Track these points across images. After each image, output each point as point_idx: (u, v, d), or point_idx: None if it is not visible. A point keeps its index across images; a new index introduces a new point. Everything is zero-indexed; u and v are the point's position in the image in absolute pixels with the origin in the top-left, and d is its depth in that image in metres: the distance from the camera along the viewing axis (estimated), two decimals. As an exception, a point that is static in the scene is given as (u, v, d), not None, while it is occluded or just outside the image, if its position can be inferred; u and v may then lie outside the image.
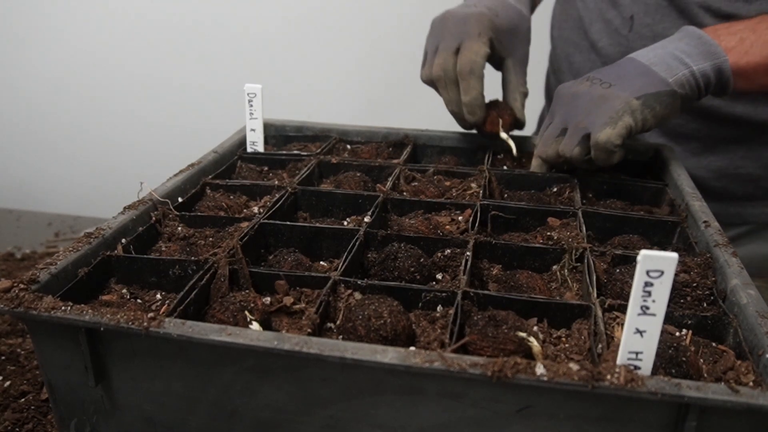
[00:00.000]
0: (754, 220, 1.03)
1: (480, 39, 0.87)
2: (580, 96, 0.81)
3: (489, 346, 0.52)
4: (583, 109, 0.79)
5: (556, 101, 0.85)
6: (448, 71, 0.88)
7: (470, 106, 0.87)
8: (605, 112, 0.77)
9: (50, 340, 0.55)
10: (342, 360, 0.47)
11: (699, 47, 0.80)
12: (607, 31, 1.03)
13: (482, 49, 0.87)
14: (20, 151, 2.25)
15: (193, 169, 0.84)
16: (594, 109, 0.78)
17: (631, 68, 0.80)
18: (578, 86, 0.82)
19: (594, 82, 0.81)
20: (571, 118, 0.81)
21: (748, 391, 0.44)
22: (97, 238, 0.65)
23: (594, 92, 0.79)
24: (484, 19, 0.89)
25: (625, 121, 0.76)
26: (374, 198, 0.77)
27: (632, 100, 0.77)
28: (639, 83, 0.78)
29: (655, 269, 0.44)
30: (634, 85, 0.78)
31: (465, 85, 0.87)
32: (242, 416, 0.53)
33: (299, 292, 0.63)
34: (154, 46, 2.02)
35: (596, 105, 0.78)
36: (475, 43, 0.87)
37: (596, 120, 0.77)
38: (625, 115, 0.76)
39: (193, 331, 0.50)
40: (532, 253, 0.69)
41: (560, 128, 0.82)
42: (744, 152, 0.99)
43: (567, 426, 0.48)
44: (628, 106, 0.76)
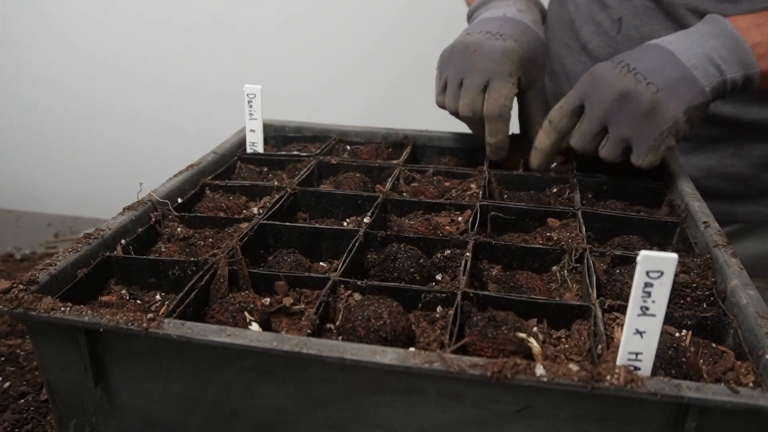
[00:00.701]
0: (745, 219, 1.03)
1: (510, 80, 0.84)
2: (627, 99, 0.76)
3: (489, 346, 0.52)
4: (629, 117, 0.76)
5: (593, 90, 0.79)
6: (476, 112, 0.85)
7: (496, 147, 0.86)
8: (653, 129, 0.75)
9: (49, 340, 0.55)
10: (341, 361, 0.47)
11: (735, 53, 0.77)
12: (597, 33, 1.03)
13: (512, 92, 0.84)
14: (20, 151, 2.25)
15: (193, 169, 0.84)
16: (642, 122, 0.75)
17: (673, 67, 0.76)
18: (622, 79, 0.76)
19: (639, 78, 0.76)
20: (616, 123, 0.77)
21: (748, 392, 0.44)
22: (97, 238, 0.65)
23: (643, 100, 0.75)
24: (514, 55, 0.84)
25: (667, 144, 0.76)
26: (374, 199, 0.77)
27: (680, 116, 0.75)
28: (685, 93, 0.75)
29: (655, 270, 0.44)
30: (680, 94, 0.75)
31: (491, 127, 0.85)
32: (242, 417, 0.53)
33: (299, 292, 0.63)
34: (153, 46, 2.02)
35: (645, 118, 0.75)
36: (505, 85, 0.84)
37: (642, 137, 0.76)
38: (669, 136, 0.75)
39: (193, 331, 0.50)
40: (532, 254, 0.69)
41: (600, 126, 0.78)
42: (732, 151, 0.99)
43: (566, 426, 0.48)
44: (675, 125, 0.75)
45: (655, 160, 0.77)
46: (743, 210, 1.02)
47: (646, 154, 0.76)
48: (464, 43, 0.87)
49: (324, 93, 1.91)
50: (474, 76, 0.84)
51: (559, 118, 0.82)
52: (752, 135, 0.97)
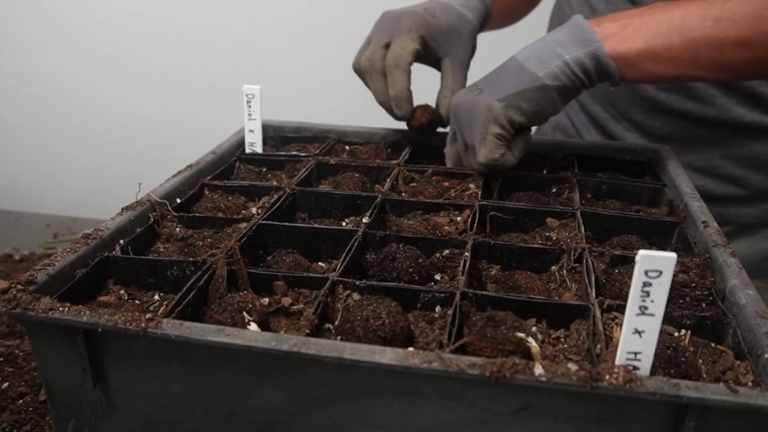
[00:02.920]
0: (736, 220, 1.03)
1: (409, 35, 0.88)
2: (458, 109, 0.82)
3: (487, 346, 0.52)
4: (463, 124, 0.82)
5: (452, 113, 0.85)
6: (375, 63, 0.89)
7: (397, 99, 0.89)
8: (475, 126, 0.79)
9: (48, 341, 0.55)
10: (340, 360, 0.47)
11: (575, 36, 0.78)
12: None
13: (410, 45, 0.88)
14: (19, 152, 2.25)
15: (192, 170, 0.84)
16: (468, 122, 0.80)
17: (507, 68, 0.80)
18: (462, 96, 0.82)
19: (471, 89, 0.82)
20: (462, 134, 0.83)
21: (747, 391, 0.44)
22: (95, 239, 0.65)
23: (466, 103, 0.80)
24: (417, 17, 0.90)
25: (492, 132, 0.78)
26: (373, 199, 0.77)
27: (493, 104, 0.77)
28: (507, 83, 0.78)
29: (654, 269, 0.44)
30: (501, 86, 0.78)
31: (391, 79, 0.88)
32: (240, 417, 0.53)
33: (297, 292, 0.63)
34: (152, 46, 2.02)
35: (468, 117, 0.80)
36: (404, 39, 0.88)
37: (473, 137, 0.80)
38: (490, 125, 0.78)
39: (191, 331, 0.50)
40: (531, 254, 0.69)
41: (464, 143, 0.84)
42: (722, 152, 0.99)
43: (566, 426, 0.48)
44: (491, 114, 0.77)
45: (488, 153, 0.79)
46: (735, 212, 1.02)
47: (479, 149, 0.79)
48: (381, 16, 0.94)
49: (323, 93, 1.91)
50: (379, 34, 0.91)
51: (446, 147, 0.90)
52: (741, 136, 0.98)
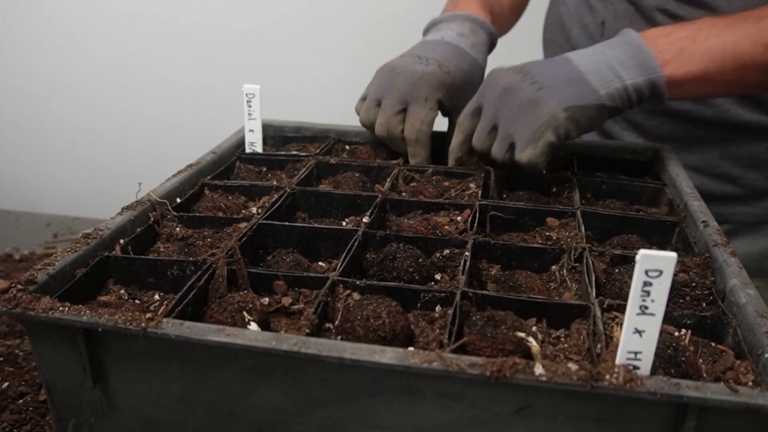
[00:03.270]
0: (734, 219, 1.03)
1: (427, 105, 0.87)
2: (511, 93, 0.78)
3: (488, 346, 0.51)
4: (511, 111, 0.78)
5: (488, 86, 0.82)
6: (393, 131, 0.89)
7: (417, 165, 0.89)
8: (531, 123, 0.76)
9: (48, 341, 0.55)
10: (340, 360, 0.47)
11: (636, 59, 0.78)
12: (584, 35, 1.04)
13: (428, 116, 0.88)
14: (19, 152, 2.25)
15: (192, 169, 0.84)
16: (521, 115, 0.77)
17: (566, 71, 0.78)
18: (511, 78, 0.79)
19: (526, 78, 0.78)
20: (501, 119, 0.79)
21: (748, 391, 0.44)
22: (95, 238, 0.65)
23: (524, 94, 0.77)
24: (434, 80, 0.88)
25: (546, 139, 0.76)
26: (373, 198, 0.77)
27: (559, 113, 0.75)
28: (570, 92, 0.76)
29: (654, 269, 0.44)
30: (565, 93, 0.76)
31: (411, 150, 0.89)
32: (240, 417, 0.53)
33: (298, 292, 0.63)
34: (152, 46, 2.02)
35: (524, 111, 0.77)
36: (422, 110, 0.87)
37: (522, 131, 0.77)
38: (547, 131, 0.75)
39: (191, 331, 0.50)
40: (531, 253, 0.69)
41: (491, 124, 0.81)
42: (720, 152, 0.99)
43: (566, 426, 0.48)
44: (553, 120, 0.75)
45: (534, 155, 0.76)
46: (732, 211, 1.03)
47: (525, 148, 0.76)
48: (391, 65, 0.91)
49: (323, 93, 1.91)
50: (392, 97, 0.89)
51: (462, 119, 0.85)
52: (739, 136, 0.98)
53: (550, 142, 0.76)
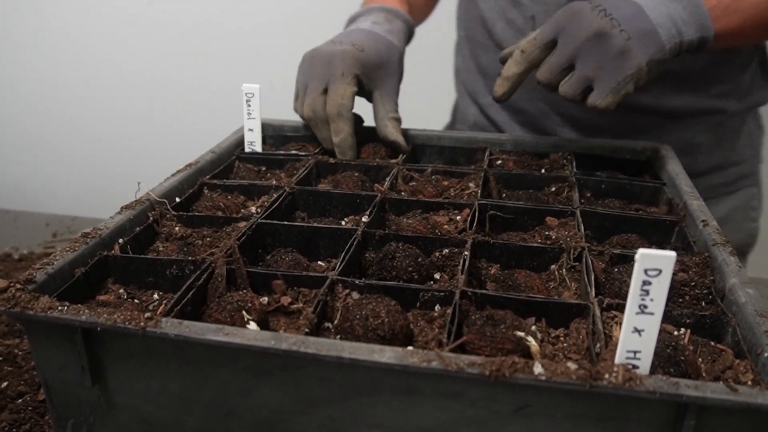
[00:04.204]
0: None
1: (344, 80, 0.89)
2: (601, 40, 0.77)
3: (487, 345, 0.51)
4: (599, 57, 0.77)
5: (569, 26, 0.79)
6: (318, 112, 0.90)
7: (341, 147, 0.90)
8: (617, 73, 0.77)
9: (47, 340, 0.55)
10: (339, 360, 0.47)
11: (694, 15, 0.80)
12: (511, 30, 1.04)
13: (348, 90, 0.89)
14: (18, 151, 2.25)
15: (191, 169, 0.84)
16: (610, 63, 0.77)
17: (642, 20, 0.78)
18: (600, 21, 0.78)
19: (614, 23, 0.77)
20: (584, 61, 0.78)
21: (747, 390, 0.44)
22: (94, 238, 0.65)
23: (615, 43, 0.77)
24: (348, 57, 0.90)
25: (627, 89, 0.78)
26: (372, 198, 0.77)
27: (643, 65, 0.77)
28: (651, 45, 0.77)
29: (654, 268, 0.44)
30: (648, 46, 0.77)
31: (334, 127, 0.89)
32: (239, 416, 0.53)
33: (297, 291, 0.63)
34: (151, 46, 2.02)
35: (614, 60, 0.77)
36: (341, 85, 0.88)
37: (606, 79, 0.77)
38: (630, 83, 0.77)
39: (190, 331, 0.49)
40: (530, 253, 0.69)
41: (569, 62, 0.79)
42: (654, 140, 1.00)
43: (565, 425, 0.48)
44: (639, 73, 0.77)
45: (613, 103, 0.78)
46: None
47: (606, 95, 0.77)
48: (309, 54, 0.94)
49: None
50: (313, 81, 0.91)
51: (531, 49, 0.82)
52: (671, 122, 1.01)
53: (629, 92, 0.78)
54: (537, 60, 0.82)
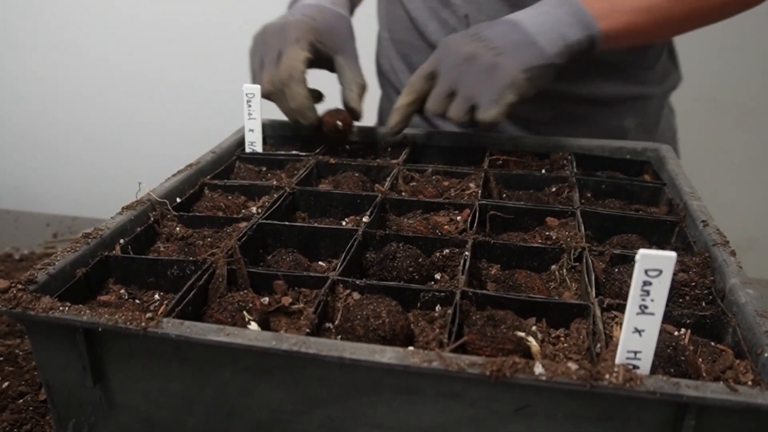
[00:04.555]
0: None
1: (298, 44, 0.89)
2: (471, 59, 0.82)
3: (487, 345, 0.52)
4: (473, 76, 0.82)
5: (445, 55, 0.85)
6: (276, 85, 0.89)
7: (299, 111, 0.89)
8: (494, 86, 0.81)
9: (48, 340, 0.55)
10: (340, 360, 0.47)
11: (575, 16, 0.83)
12: (444, 30, 1.04)
13: (301, 54, 0.88)
14: (18, 151, 2.25)
15: (191, 169, 0.84)
16: (484, 79, 0.81)
17: (518, 35, 0.83)
18: (468, 45, 0.83)
19: (486, 43, 0.82)
20: (461, 84, 0.83)
21: (747, 390, 0.44)
22: (95, 238, 0.65)
23: (485, 59, 0.81)
24: (300, 25, 0.90)
25: (508, 99, 0.81)
26: (372, 198, 0.77)
27: (519, 75, 0.81)
28: (526, 55, 0.81)
29: (654, 268, 0.44)
30: (522, 56, 0.81)
31: (289, 92, 0.88)
32: (240, 416, 0.53)
33: (297, 292, 0.63)
34: (152, 46, 2.02)
35: (487, 75, 0.81)
36: (293, 50, 0.88)
37: (485, 94, 0.81)
38: (509, 92, 0.81)
39: (191, 331, 0.50)
40: (531, 253, 0.69)
41: (449, 90, 0.84)
42: (587, 128, 1.04)
43: (565, 425, 0.48)
44: (514, 82, 0.81)
45: (498, 114, 0.81)
46: None
47: (488, 108, 0.81)
48: (259, 32, 0.94)
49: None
50: (268, 53, 0.90)
51: (415, 81, 0.88)
52: (603, 110, 1.04)
53: (512, 102, 0.81)
54: (421, 90, 0.87)
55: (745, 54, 1.75)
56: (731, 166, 1.88)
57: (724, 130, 1.85)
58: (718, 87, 1.80)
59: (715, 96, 1.81)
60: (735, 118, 1.84)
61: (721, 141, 1.86)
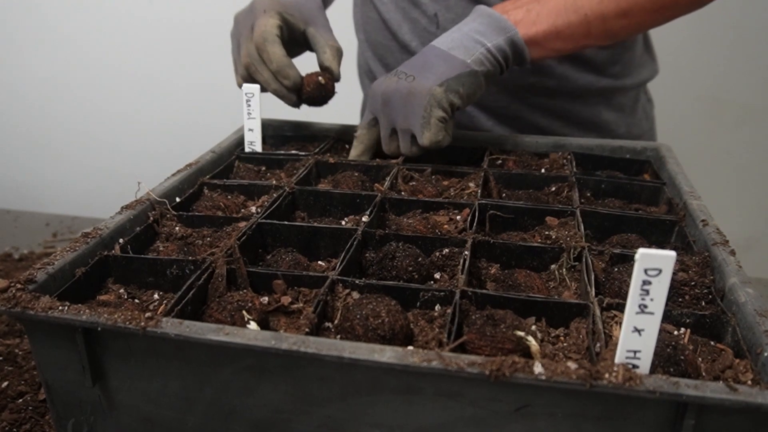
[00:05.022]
0: None
1: (267, 15, 0.89)
2: (391, 96, 0.85)
3: (487, 345, 0.52)
4: (398, 110, 0.84)
5: (373, 100, 0.88)
6: (253, 54, 0.89)
7: (280, 71, 0.88)
8: (416, 110, 0.82)
9: (47, 340, 0.55)
10: (340, 359, 0.47)
11: (491, 24, 0.85)
12: (415, 31, 1.04)
13: (270, 21, 0.88)
14: (18, 151, 2.25)
15: (191, 168, 0.84)
16: (406, 107, 0.83)
17: (433, 56, 0.85)
18: (387, 84, 0.86)
19: (400, 76, 0.85)
20: (394, 120, 0.86)
21: (747, 390, 0.44)
22: (95, 238, 0.65)
23: (401, 89, 0.84)
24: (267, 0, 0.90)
25: (436, 115, 0.82)
26: (372, 197, 0.77)
27: (435, 89, 0.82)
28: (441, 70, 0.83)
29: (653, 268, 0.44)
30: (435, 72, 0.83)
31: (266, 56, 0.88)
32: (240, 416, 0.53)
33: (297, 291, 0.63)
34: (151, 46, 2.02)
35: (406, 103, 0.83)
36: (263, 19, 0.88)
37: (413, 121, 0.83)
38: (433, 108, 0.82)
39: (191, 330, 0.50)
40: (531, 252, 0.69)
41: (390, 129, 0.88)
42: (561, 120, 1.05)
43: (565, 425, 0.48)
44: (433, 98, 0.82)
45: (434, 135, 0.83)
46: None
47: (423, 133, 0.83)
48: (234, 21, 0.95)
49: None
50: (244, 35, 0.91)
51: (360, 131, 0.92)
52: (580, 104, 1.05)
53: (440, 117, 0.82)
54: (369, 138, 0.92)
55: (746, 53, 1.75)
56: (731, 165, 1.88)
57: (724, 129, 1.85)
58: (719, 86, 1.80)
59: (716, 95, 1.81)
60: (736, 117, 1.84)
61: (722, 140, 1.86)
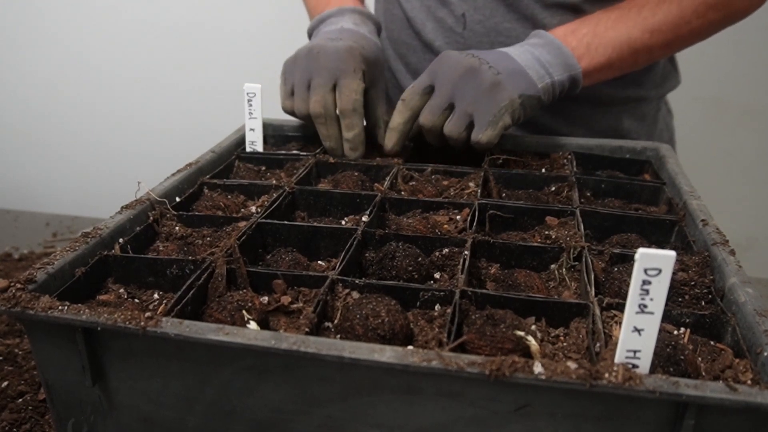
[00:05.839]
0: None
1: (356, 75, 0.89)
2: (472, 75, 0.83)
3: (487, 345, 0.52)
4: (473, 92, 0.82)
5: (443, 68, 0.85)
6: (328, 109, 0.89)
7: (353, 142, 0.90)
8: (493, 104, 0.82)
9: (47, 339, 0.55)
10: (340, 359, 0.47)
11: (559, 57, 0.87)
12: (441, 30, 1.04)
13: (360, 86, 0.89)
14: (18, 151, 2.25)
15: (191, 168, 0.84)
16: (484, 97, 0.82)
17: (511, 63, 0.85)
18: (470, 60, 0.84)
19: (483, 63, 0.83)
20: (460, 98, 0.83)
21: (747, 390, 0.44)
22: (95, 237, 0.65)
23: (486, 77, 0.82)
24: (356, 53, 0.90)
25: (504, 121, 0.83)
26: (372, 197, 0.77)
27: (516, 99, 0.83)
28: (522, 81, 0.84)
29: (653, 267, 0.44)
30: (517, 81, 0.83)
31: (348, 122, 0.89)
32: (240, 416, 0.53)
33: (297, 291, 0.63)
34: (151, 46, 2.02)
35: (487, 93, 0.82)
36: (354, 81, 0.88)
37: (483, 112, 0.82)
38: (506, 114, 0.82)
39: (191, 330, 0.50)
40: (530, 252, 0.69)
41: (447, 102, 0.84)
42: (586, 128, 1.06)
43: (565, 425, 0.48)
44: (511, 105, 0.82)
45: (493, 137, 0.83)
46: None
47: (485, 128, 0.82)
48: (307, 48, 0.92)
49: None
50: (322, 75, 0.89)
51: (410, 97, 0.88)
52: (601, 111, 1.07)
53: (507, 124, 0.83)
54: (417, 106, 0.88)
55: (747, 53, 1.75)
56: (731, 165, 1.88)
57: (725, 129, 1.85)
58: (720, 86, 1.80)
59: (717, 95, 1.81)
60: (737, 117, 1.84)
61: (722, 140, 1.86)
